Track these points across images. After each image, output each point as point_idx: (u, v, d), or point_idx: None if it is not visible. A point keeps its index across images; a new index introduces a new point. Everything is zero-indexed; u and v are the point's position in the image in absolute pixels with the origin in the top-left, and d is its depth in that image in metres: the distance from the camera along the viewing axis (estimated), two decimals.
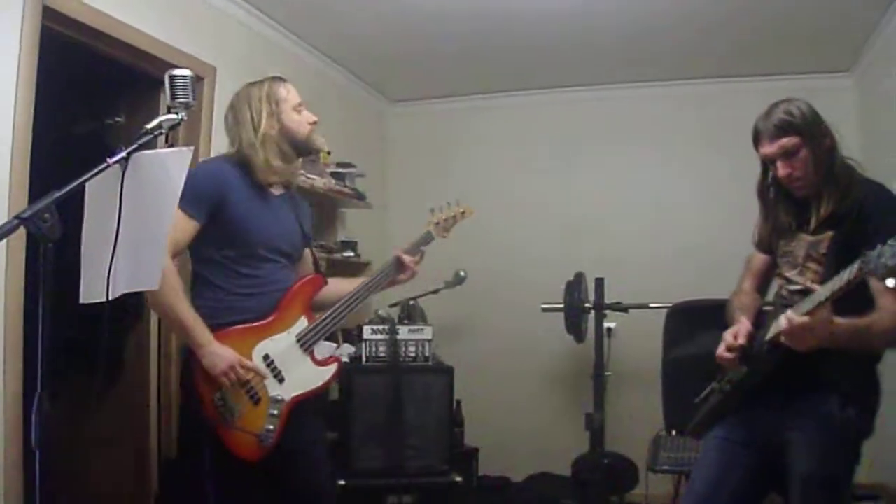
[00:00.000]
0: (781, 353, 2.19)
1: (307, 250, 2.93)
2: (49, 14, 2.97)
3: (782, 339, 2.12)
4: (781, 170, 2.31)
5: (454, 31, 4.57)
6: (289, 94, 2.71)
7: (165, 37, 3.56)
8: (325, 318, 2.70)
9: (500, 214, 5.37)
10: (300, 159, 2.81)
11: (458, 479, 3.98)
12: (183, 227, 2.52)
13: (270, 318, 2.62)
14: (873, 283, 2.09)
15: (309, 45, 4.74)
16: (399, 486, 3.71)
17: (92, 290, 2.09)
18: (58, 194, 1.77)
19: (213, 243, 2.61)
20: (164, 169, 1.96)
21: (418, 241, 2.95)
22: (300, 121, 2.70)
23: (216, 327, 2.55)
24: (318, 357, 2.72)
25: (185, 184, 1.91)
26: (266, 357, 2.59)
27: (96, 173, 1.88)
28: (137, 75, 3.62)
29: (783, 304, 2.37)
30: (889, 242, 1.76)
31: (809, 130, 2.27)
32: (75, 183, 1.83)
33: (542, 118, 5.52)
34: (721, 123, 5.18)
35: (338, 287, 2.85)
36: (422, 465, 3.95)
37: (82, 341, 2.49)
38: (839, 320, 2.04)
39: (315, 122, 2.73)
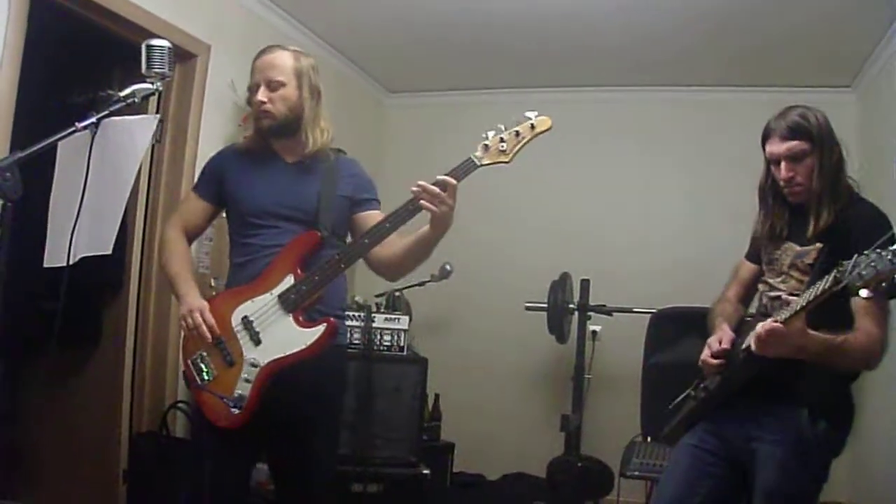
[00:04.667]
0: (757, 362, 2.16)
1: (368, 215, 2.65)
2: None
3: (752, 345, 2.10)
4: (784, 172, 2.27)
5: (455, 24, 4.57)
6: (251, 71, 2.59)
7: (160, 11, 3.56)
8: (312, 275, 2.45)
9: (490, 210, 5.35)
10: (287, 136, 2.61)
11: (426, 471, 3.97)
12: (192, 205, 2.68)
13: (256, 280, 2.49)
14: (854, 303, 2.08)
15: (307, 28, 4.73)
16: (365, 474, 3.68)
17: (55, 254, 2.10)
18: (21, 154, 1.77)
19: (229, 223, 2.69)
20: (130, 135, 1.97)
21: (454, 170, 2.36)
22: (252, 103, 2.59)
23: None
24: (310, 318, 2.47)
25: None
26: (245, 319, 2.45)
27: (62, 137, 1.89)
28: (130, 48, 3.61)
29: (762, 312, 2.37)
30: (865, 253, 1.76)
31: (821, 139, 2.24)
32: (39, 146, 1.83)
33: None
34: (716, 132, 5.19)
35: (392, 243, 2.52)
36: (389, 456, 3.92)
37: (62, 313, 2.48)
38: (813, 333, 2.02)
39: (259, 103, 2.54)
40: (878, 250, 1.75)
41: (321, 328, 2.45)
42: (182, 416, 3.73)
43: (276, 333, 2.45)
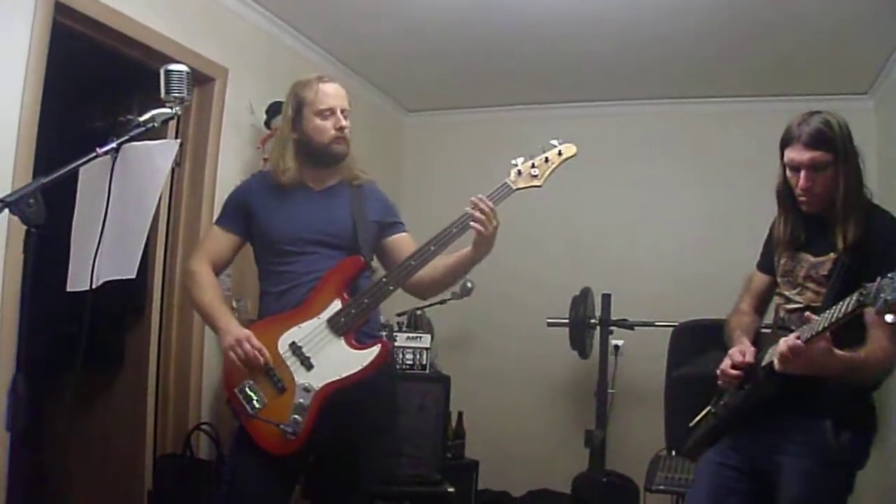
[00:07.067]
0: (779, 378, 2.14)
1: (399, 238, 2.72)
2: (61, 9, 3.01)
3: (776, 364, 2.08)
4: (804, 181, 2.22)
5: (471, 42, 4.57)
6: (316, 96, 2.58)
7: (178, 36, 3.60)
8: (361, 298, 2.48)
9: (510, 227, 5.32)
10: (338, 163, 2.66)
11: (451, 489, 3.96)
12: (217, 238, 2.69)
13: (300, 306, 2.51)
14: (867, 315, 2.05)
15: (324, 50, 4.76)
16: (389, 493, 3.67)
17: (78, 278, 2.12)
18: (44, 180, 1.79)
19: (257, 253, 2.70)
20: (151, 160, 1.98)
21: (491, 195, 2.52)
22: (321, 127, 2.58)
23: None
24: (359, 341, 2.50)
25: None
26: (293, 345, 2.46)
27: (83, 163, 1.91)
28: (149, 73, 3.65)
29: (781, 325, 2.35)
30: (889, 276, 1.73)
31: (844, 149, 2.19)
32: (61, 171, 1.85)
33: (554, 132, 5.36)
34: (733, 143, 5.16)
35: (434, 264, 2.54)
36: (414, 474, 3.92)
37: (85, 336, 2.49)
38: (838, 352, 2.00)
39: (341, 129, 2.59)
40: None
41: (376, 349, 2.48)
42: (206, 438, 3.73)
43: (328, 357, 2.46)
